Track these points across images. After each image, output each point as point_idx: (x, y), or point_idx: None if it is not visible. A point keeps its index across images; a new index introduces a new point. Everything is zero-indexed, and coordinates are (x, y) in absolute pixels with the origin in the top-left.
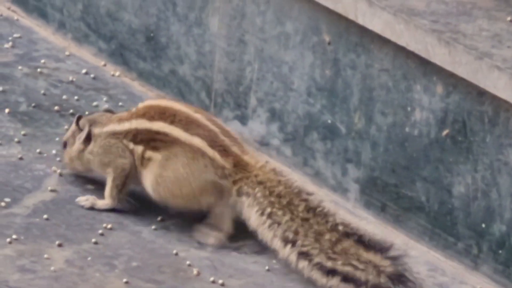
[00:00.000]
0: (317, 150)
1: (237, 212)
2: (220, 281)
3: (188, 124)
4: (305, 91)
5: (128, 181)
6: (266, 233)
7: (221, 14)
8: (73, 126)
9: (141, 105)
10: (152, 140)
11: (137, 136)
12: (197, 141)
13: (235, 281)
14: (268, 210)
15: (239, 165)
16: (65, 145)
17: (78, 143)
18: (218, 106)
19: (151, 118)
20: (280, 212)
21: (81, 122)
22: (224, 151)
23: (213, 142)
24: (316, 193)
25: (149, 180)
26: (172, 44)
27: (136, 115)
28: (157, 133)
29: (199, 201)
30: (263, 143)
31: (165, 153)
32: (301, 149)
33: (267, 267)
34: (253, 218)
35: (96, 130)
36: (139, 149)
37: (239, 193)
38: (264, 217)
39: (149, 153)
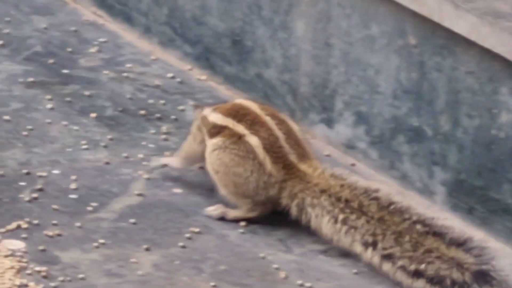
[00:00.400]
0: (403, 153)
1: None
2: (308, 284)
3: (253, 124)
4: (391, 94)
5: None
6: (344, 240)
7: (307, 18)
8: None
9: (231, 102)
10: (217, 132)
11: (210, 129)
12: (254, 141)
13: (322, 284)
14: (341, 216)
15: (295, 175)
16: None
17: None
18: (304, 109)
19: (226, 114)
20: (353, 216)
21: (197, 111)
22: (278, 157)
23: (270, 147)
24: (382, 188)
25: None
26: (258, 48)
27: (218, 110)
28: (221, 127)
29: (239, 200)
30: (350, 146)
31: (216, 142)
32: (388, 152)
33: (354, 270)
34: (326, 227)
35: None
36: (206, 139)
37: (301, 206)
38: (338, 225)
39: (208, 142)
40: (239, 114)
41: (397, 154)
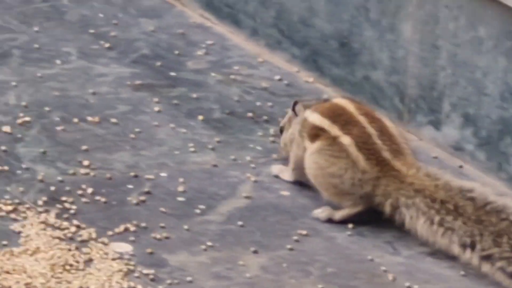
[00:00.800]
0: (511, 155)
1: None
2: (415, 287)
3: (347, 124)
4: (499, 95)
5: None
6: (441, 241)
7: (414, 20)
8: (290, 112)
9: (329, 101)
10: (315, 135)
11: (309, 130)
12: (346, 141)
13: (430, 287)
14: (437, 218)
15: (389, 173)
16: (281, 130)
17: (293, 128)
18: (412, 111)
19: (323, 115)
20: (450, 218)
21: (297, 107)
22: (371, 154)
23: (363, 144)
24: (476, 187)
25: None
26: (365, 50)
27: (317, 110)
28: (319, 128)
29: (341, 199)
30: (457, 148)
31: (314, 146)
32: (496, 153)
33: (462, 272)
34: (422, 229)
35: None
36: (306, 142)
37: (395, 205)
38: (435, 226)
39: (307, 144)
40: (334, 114)
41: (505, 155)
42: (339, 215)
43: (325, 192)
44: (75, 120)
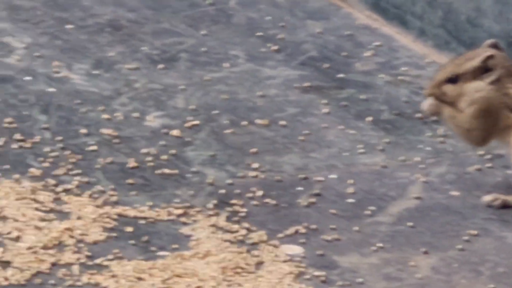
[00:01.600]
0: None
1: None
2: None
3: None
4: None
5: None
6: None
7: None
8: (478, 62)
9: None
10: None
11: None
12: None
13: None
14: None
15: None
16: (454, 79)
17: (479, 82)
18: None
19: None
20: None
21: (492, 62)
22: None
23: None
24: None
25: None
26: None
27: None
28: None
29: None
30: None
31: None
32: None
33: None
34: None
35: (500, 79)
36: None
37: None
38: None
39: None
40: None
41: None
42: None
43: None
44: (244, 123)
